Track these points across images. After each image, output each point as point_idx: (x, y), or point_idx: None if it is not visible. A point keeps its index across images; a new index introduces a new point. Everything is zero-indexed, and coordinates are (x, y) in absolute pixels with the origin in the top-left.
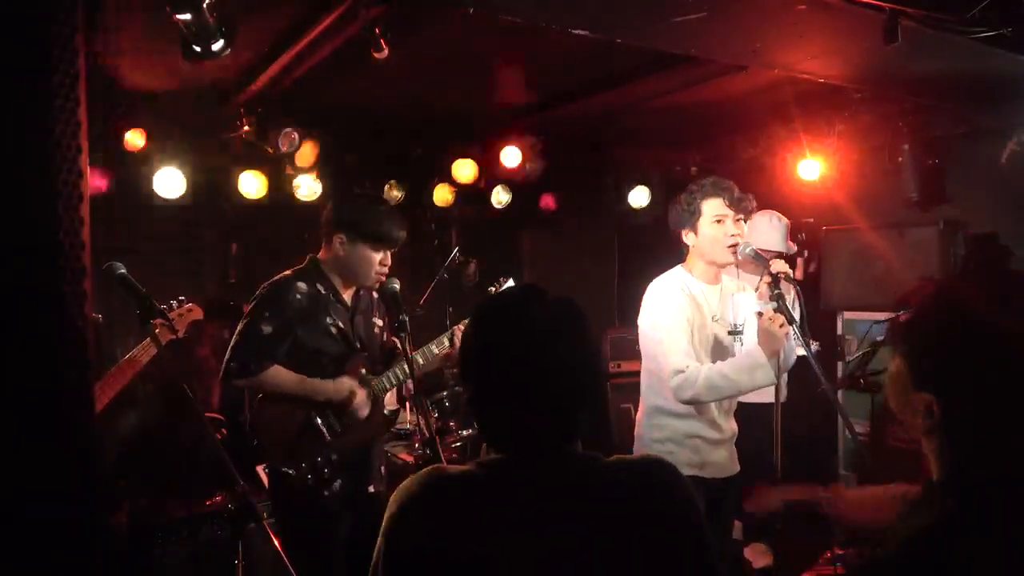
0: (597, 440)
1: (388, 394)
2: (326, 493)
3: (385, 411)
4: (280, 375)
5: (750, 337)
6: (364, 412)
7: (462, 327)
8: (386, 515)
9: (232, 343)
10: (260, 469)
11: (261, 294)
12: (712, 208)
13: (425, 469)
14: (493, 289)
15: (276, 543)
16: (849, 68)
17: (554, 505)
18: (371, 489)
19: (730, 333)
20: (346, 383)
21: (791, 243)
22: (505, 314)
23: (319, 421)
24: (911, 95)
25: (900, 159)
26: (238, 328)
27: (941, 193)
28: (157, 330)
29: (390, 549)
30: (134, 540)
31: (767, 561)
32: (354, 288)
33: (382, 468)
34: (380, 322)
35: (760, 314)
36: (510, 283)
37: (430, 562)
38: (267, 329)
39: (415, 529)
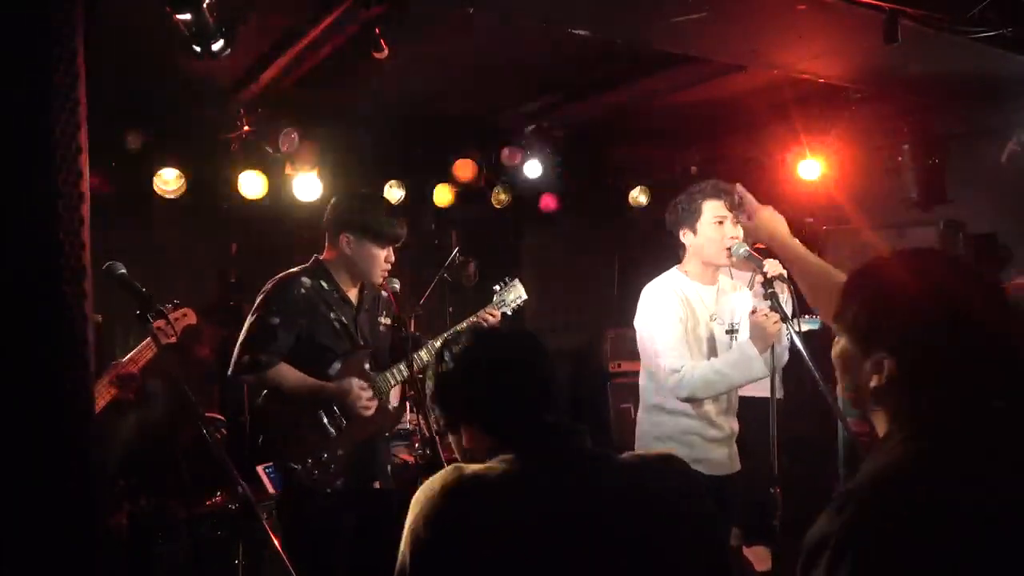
0: (597, 440)
1: (393, 391)
2: (329, 490)
3: (390, 407)
4: (286, 373)
5: (746, 335)
6: (369, 409)
7: (475, 317)
8: (412, 517)
9: (242, 338)
10: (260, 469)
11: (267, 290)
12: (712, 209)
13: (445, 469)
14: (498, 288)
15: (276, 543)
16: (849, 68)
17: (574, 500)
18: (376, 486)
19: (727, 332)
20: (350, 382)
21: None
22: (494, 338)
23: (324, 418)
24: (911, 95)
25: (900, 159)
26: (247, 323)
27: (941, 193)
28: (157, 332)
29: (421, 552)
30: (134, 540)
31: (768, 565)
32: (359, 287)
33: (387, 466)
34: (387, 321)
35: (754, 310)
36: (516, 283)
37: (462, 562)
38: (275, 321)
39: (445, 530)
